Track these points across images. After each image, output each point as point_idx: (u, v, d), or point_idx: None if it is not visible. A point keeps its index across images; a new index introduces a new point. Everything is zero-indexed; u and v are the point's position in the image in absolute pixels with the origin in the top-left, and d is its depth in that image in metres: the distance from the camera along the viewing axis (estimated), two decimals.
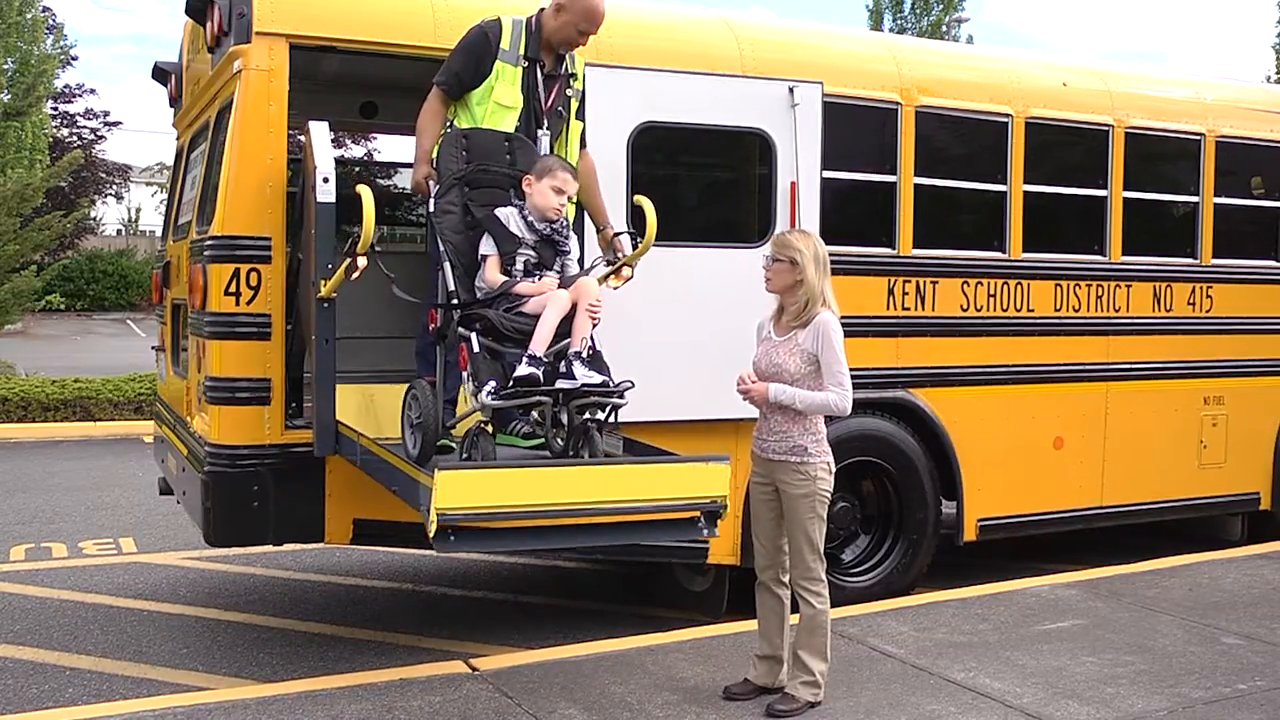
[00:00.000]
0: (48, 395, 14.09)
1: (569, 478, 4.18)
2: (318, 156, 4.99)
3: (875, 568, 6.88)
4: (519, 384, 4.26)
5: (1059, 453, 7.40)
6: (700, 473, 4.36)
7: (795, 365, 4.86)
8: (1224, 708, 5.09)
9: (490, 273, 4.69)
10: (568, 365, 4.40)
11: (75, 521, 9.21)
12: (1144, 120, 7.66)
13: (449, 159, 4.95)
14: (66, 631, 6.45)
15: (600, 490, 4.17)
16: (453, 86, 5.13)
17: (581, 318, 4.50)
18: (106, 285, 34.72)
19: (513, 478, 4.09)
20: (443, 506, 3.89)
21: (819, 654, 4.94)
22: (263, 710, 4.87)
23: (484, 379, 4.33)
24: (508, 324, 4.46)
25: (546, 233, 4.77)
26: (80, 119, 34.93)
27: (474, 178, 4.94)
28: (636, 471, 4.34)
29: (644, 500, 4.23)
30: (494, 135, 5.04)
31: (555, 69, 5.23)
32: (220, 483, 5.42)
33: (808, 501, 4.86)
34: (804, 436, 4.88)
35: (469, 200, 4.90)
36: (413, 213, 10.16)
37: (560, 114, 5.24)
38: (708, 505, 4.35)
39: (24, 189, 16.98)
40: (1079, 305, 7.42)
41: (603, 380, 4.38)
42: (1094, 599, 6.76)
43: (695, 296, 6.00)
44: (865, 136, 6.83)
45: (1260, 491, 8.30)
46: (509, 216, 4.77)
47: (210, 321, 5.46)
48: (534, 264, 4.73)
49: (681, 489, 4.33)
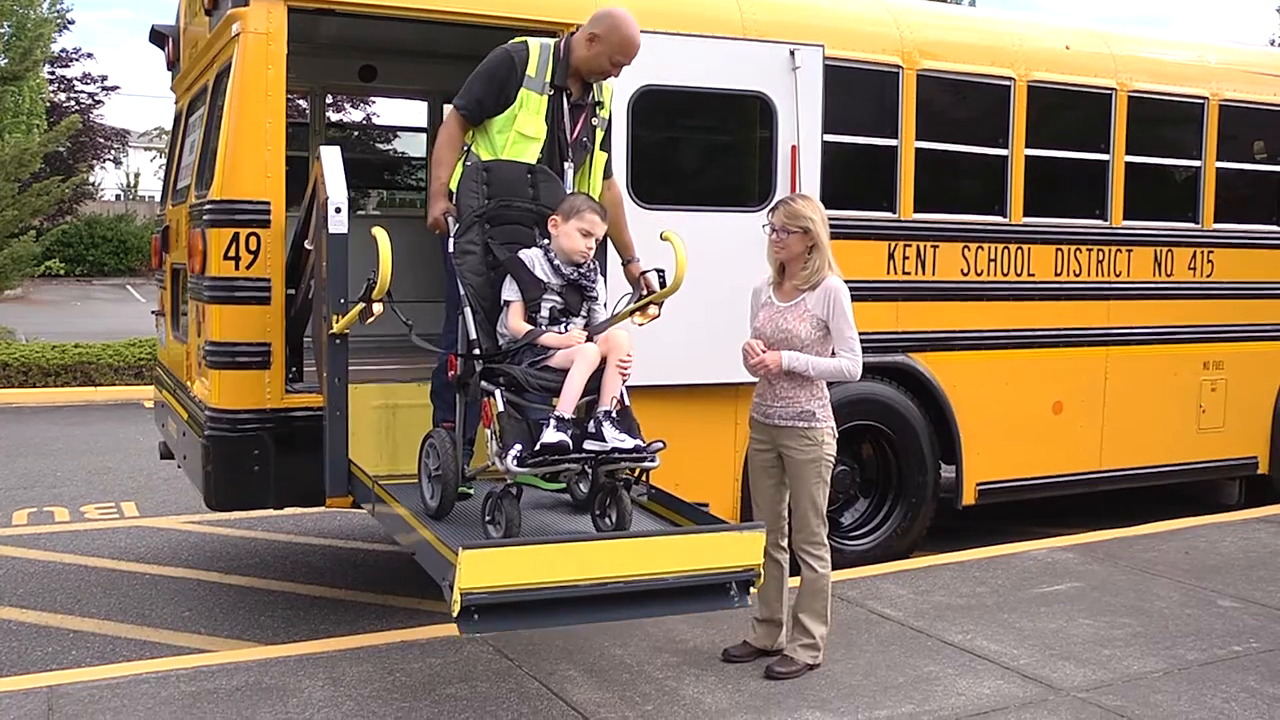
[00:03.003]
0: (48, 360, 14.09)
1: (599, 553, 3.94)
2: (330, 185, 4.73)
3: (874, 531, 6.91)
4: (547, 451, 4.06)
5: (1058, 417, 7.42)
6: (734, 542, 4.14)
7: (806, 331, 4.84)
8: (1219, 669, 5.13)
9: (514, 321, 4.44)
10: (597, 425, 4.18)
11: (77, 486, 9.24)
12: (1147, 84, 7.62)
13: (469, 194, 4.68)
14: (70, 595, 6.49)
15: (631, 564, 3.94)
16: (473, 113, 4.87)
17: (611, 373, 4.27)
18: (106, 250, 34.64)
19: (541, 555, 3.85)
20: (467, 587, 3.70)
21: (820, 617, 4.97)
22: (265, 672, 4.90)
23: (509, 441, 4.11)
24: (534, 381, 4.24)
25: (573, 277, 4.50)
26: (78, 83, 34.78)
27: (495, 214, 4.67)
28: (668, 544, 4.09)
29: (676, 572, 3.98)
30: (516, 168, 4.77)
31: (582, 98, 4.95)
32: (220, 447, 5.43)
33: (814, 466, 4.87)
34: (811, 402, 4.87)
35: (489, 238, 4.64)
36: (412, 177, 10.13)
37: (585, 145, 4.98)
38: (741, 575, 4.12)
39: (22, 154, 16.93)
40: (1079, 270, 7.41)
41: (634, 445, 4.18)
42: (1091, 562, 6.79)
43: (695, 261, 5.98)
44: (866, 100, 6.80)
45: (1258, 456, 8.32)
46: (534, 260, 4.50)
47: (210, 286, 5.45)
48: (560, 311, 4.49)
49: (715, 559, 4.09)
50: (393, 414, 5.30)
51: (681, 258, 4.79)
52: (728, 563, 4.08)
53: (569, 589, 3.82)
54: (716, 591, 4.08)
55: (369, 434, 5.21)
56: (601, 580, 3.86)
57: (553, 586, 3.80)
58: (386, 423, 5.30)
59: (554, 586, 3.80)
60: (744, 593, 4.11)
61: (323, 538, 7.73)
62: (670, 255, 4.77)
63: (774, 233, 4.87)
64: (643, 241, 5.36)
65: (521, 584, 3.75)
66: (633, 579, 3.91)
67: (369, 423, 5.21)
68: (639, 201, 5.85)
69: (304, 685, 4.76)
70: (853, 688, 4.82)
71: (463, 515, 4.57)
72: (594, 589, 3.85)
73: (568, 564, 3.84)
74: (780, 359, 4.78)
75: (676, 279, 4.87)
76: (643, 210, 5.79)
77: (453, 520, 4.51)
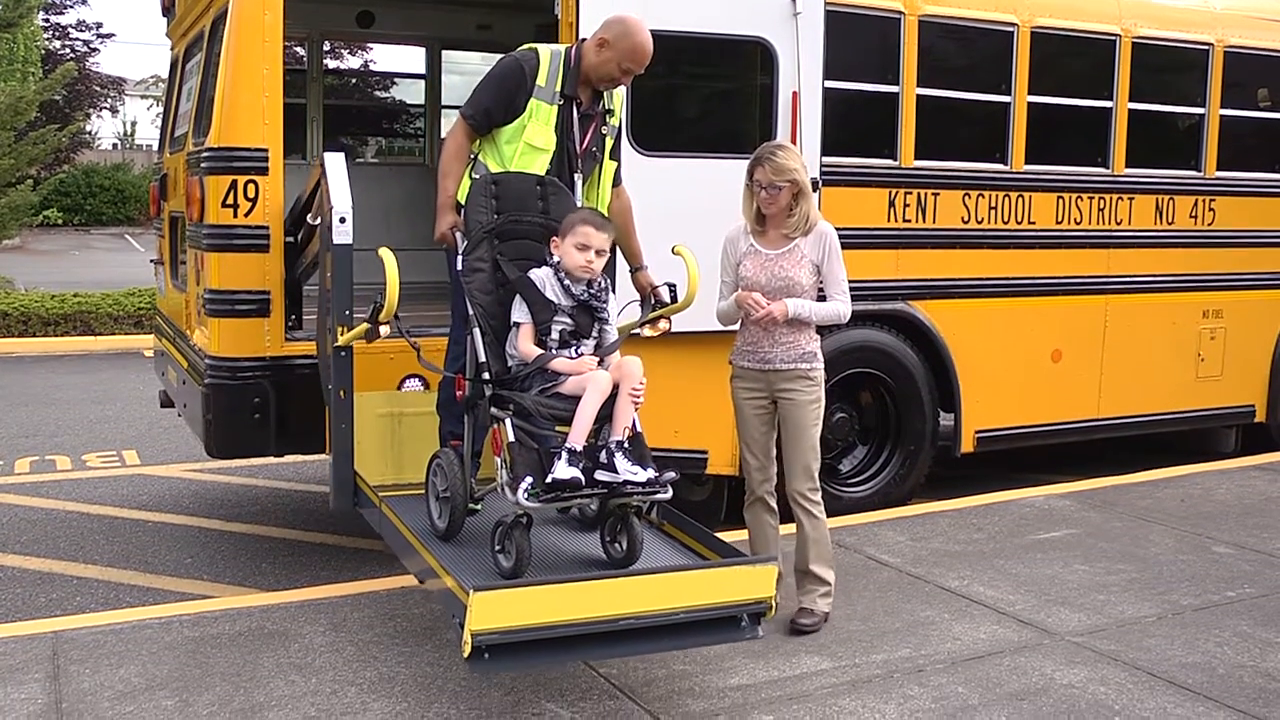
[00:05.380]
0: (47, 310, 14.09)
1: (611, 591, 3.89)
2: (334, 194, 4.62)
3: (872, 479, 6.94)
4: (559, 487, 3.99)
5: (1057, 365, 7.43)
6: (747, 576, 4.07)
7: (805, 277, 4.82)
8: (1212, 614, 5.18)
9: (524, 344, 4.33)
10: (609, 456, 4.09)
11: (78, 434, 9.27)
12: (1152, 30, 7.55)
13: (477, 209, 4.54)
14: (73, 542, 6.53)
15: (643, 601, 3.89)
16: (481, 123, 4.74)
17: (623, 402, 4.17)
18: (103, 200, 34.52)
19: (553, 595, 3.80)
20: (478, 628, 3.64)
21: (830, 563, 5.00)
22: (267, 618, 4.95)
23: (520, 473, 4.03)
24: (545, 410, 4.15)
25: (584, 298, 4.38)
26: (73, 30, 34.48)
27: (505, 229, 4.56)
28: (680, 580, 4.02)
29: (689, 607, 3.94)
30: (526, 180, 4.65)
31: (592, 106, 4.81)
32: (220, 395, 5.44)
33: (815, 408, 4.88)
34: (810, 343, 4.88)
35: (499, 254, 4.51)
36: (410, 125, 10.08)
37: (594, 154, 4.85)
38: (754, 608, 4.06)
39: (17, 102, 16.83)
40: (1080, 218, 7.39)
41: (647, 479, 4.07)
42: (1087, 509, 6.83)
43: (694, 208, 5.97)
44: (868, 46, 6.74)
45: (1255, 404, 8.35)
46: (544, 280, 4.38)
47: (208, 234, 5.44)
48: (570, 333, 4.37)
49: (728, 593, 4.03)
50: (398, 422, 5.21)
51: (694, 273, 4.79)
52: (740, 596, 4.04)
53: (580, 626, 3.80)
54: (728, 624, 4.05)
55: (374, 442, 5.12)
56: (613, 617, 3.84)
57: (565, 625, 3.77)
58: (391, 430, 5.20)
59: (567, 624, 3.77)
60: (755, 624, 4.08)
61: (323, 485, 7.74)
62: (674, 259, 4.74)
63: (762, 190, 4.80)
64: (647, 190, 5.34)
65: (534, 623, 3.73)
66: (644, 615, 3.89)
67: (374, 431, 5.12)
68: (639, 149, 5.82)
69: (305, 630, 4.81)
70: (850, 633, 4.87)
71: (471, 534, 4.49)
72: (606, 625, 3.83)
73: (580, 603, 3.82)
74: (786, 308, 4.75)
75: (689, 294, 4.84)
76: (643, 157, 5.76)
77: (461, 540, 4.46)
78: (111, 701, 4.11)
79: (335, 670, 4.42)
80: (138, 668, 4.40)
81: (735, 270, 4.95)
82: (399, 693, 4.23)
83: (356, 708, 4.11)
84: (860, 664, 4.57)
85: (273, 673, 4.39)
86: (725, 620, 4.04)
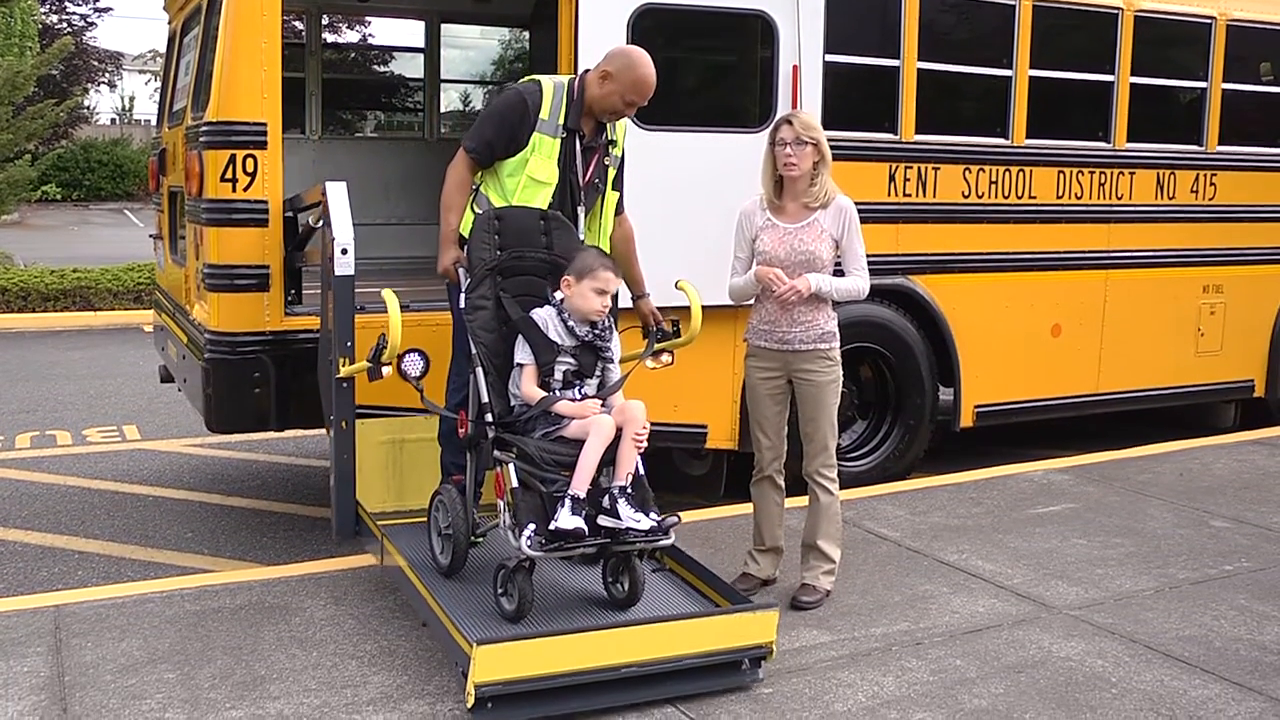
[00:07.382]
0: (47, 285, 14.08)
1: (614, 641, 3.94)
2: (336, 225, 4.58)
3: (872, 453, 6.96)
4: (562, 537, 3.99)
5: (1057, 340, 7.43)
6: (748, 623, 4.11)
7: (825, 251, 4.77)
8: (1209, 588, 5.20)
9: (527, 386, 4.32)
10: (611, 501, 4.09)
11: (79, 409, 9.29)
12: (1154, 3, 7.51)
13: (480, 246, 4.50)
14: (74, 516, 6.55)
15: (646, 650, 3.94)
16: (484, 156, 4.73)
17: (627, 447, 4.16)
18: (102, 175, 34.40)
19: (556, 646, 3.84)
20: (481, 680, 3.70)
21: (838, 542, 4.99)
22: (267, 591, 4.97)
23: (524, 520, 4.04)
24: (548, 455, 4.16)
25: (588, 338, 4.37)
26: (70, 4, 34.27)
27: (508, 266, 4.53)
28: (683, 628, 4.05)
29: (691, 654, 3.98)
30: (529, 215, 4.61)
31: (594, 138, 4.78)
32: (220, 369, 5.44)
33: (833, 387, 4.85)
34: (829, 322, 4.84)
35: (501, 290, 4.49)
36: (409, 99, 10.05)
37: (597, 186, 4.82)
38: (755, 652, 4.11)
39: (14, 76, 16.74)
40: (1081, 192, 7.37)
41: (650, 527, 4.08)
42: (1086, 484, 6.84)
43: (696, 182, 5.96)
44: (869, 19, 6.71)
45: (1254, 379, 8.36)
46: (548, 321, 4.36)
47: (207, 208, 5.43)
48: (573, 373, 4.36)
49: (730, 639, 4.07)
50: (399, 449, 5.21)
51: (696, 308, 4.82)
52: (741, 642, 4.08)
53: (583, 675, 3.84)
54: (729, 669, 4.09)
55: (375, 470, 5.13)
56: (615, 666, 3.89)
57: (568, 674, 3.82)
58: (393, 458, 5.21)
59: (569, 674, 3.82)
60: (755, 668, 4.12)
61: (324, 460, 7.76)
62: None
63: (786, 147, 4.72)
64: (647, 164, 5.32)
65: (536, 674, 3.78)
66: (647, 663, 3.93)
67: (375, 458, 5.12)
68: (639, 122, 5.80)
69: (306, 604, 4.82)
70: (850, 607, 4.89)
71: (473, 569, 4.52)
72: (608, 674, 3.87)
73: (583, 653, 3.86)
74: (809, 284, 4.69)
75: (692, 330, 4.86)
76: (642, 131, 5.74)
77: (464, 576, 4.50)
78: (114, 674, 4.14)
79: (336, 643, 4.44)
80: (139, 641, 4.42)
81: (750, 245, 4.89)
82: (399, 666, 4.25)
83: (357, 680, 4.13)
84: (859, 637, 4.59)
85: (274, 646, 4.41)
86: (727, 665, 4.09)
